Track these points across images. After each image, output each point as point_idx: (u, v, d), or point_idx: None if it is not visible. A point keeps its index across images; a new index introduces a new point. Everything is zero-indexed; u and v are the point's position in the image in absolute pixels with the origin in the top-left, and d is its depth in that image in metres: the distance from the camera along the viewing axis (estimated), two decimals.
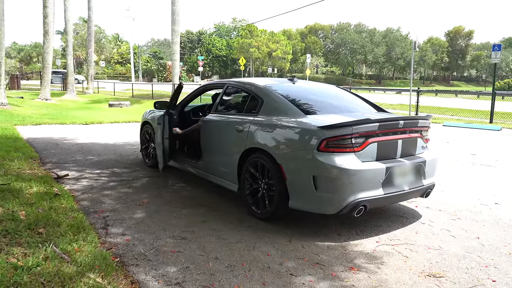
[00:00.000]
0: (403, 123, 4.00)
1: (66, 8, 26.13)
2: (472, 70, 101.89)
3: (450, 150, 8.83)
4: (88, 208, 4.57)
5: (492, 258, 3.50)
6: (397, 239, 3.91)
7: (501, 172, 6.81)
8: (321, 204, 3.76)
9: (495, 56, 14.75)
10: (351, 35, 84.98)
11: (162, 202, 4.87)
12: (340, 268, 3.27)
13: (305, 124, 3.92)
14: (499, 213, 4.69)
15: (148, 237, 3.81)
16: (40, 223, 3.81)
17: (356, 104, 4.93)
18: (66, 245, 3.37)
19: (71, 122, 12.70)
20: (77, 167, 6.63)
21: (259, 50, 68.05)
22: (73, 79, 26.51)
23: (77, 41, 61.56)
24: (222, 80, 5.87)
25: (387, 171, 3.77)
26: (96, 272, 2.95)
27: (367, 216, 4.43)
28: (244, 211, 4.54)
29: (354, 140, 3.67)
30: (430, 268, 3.31)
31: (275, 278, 3.09)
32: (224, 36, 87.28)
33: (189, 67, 76.79)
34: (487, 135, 11.40)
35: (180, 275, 3.09)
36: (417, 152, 4.22)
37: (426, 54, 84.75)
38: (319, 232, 4.04)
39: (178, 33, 25.90)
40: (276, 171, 4.01)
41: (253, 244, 3.70)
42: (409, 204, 4.93)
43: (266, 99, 4.52)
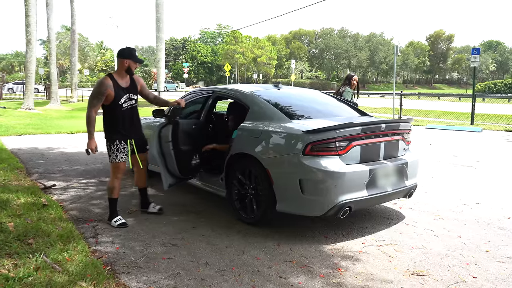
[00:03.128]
0: (385, 126, 4.13)
1: (48, 17, 25.96)
2: (454, 73, 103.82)
3: (433, 152, 9.03)
4: (77, 218, 4.58)
5: (473, 256, 3.63)
6: (382, 240, 4.02)
7: (482, 173, 7.00)
8: (308, 206, 3.85)
9: (474, 60, 15.13)
10: (334, 40, 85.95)
11: None
12: (328, 269, 3.36)
13: (290, 129, 4.02)
14: (479, 212, 4.85)
15: (138, 244, 3.85)
16: (30, 233, 3.81)
17: (339, 109, 5.05)
18: (56, 255, 3.39)
19: (56, 132, 12.60)
20: (64, 177, 6.61)
21: (244, 56, 68.31)
22: (57, 88, 26.23)
23: (60, 50, 60.98)
24: (208, 87, 5.92)
25: (371, 173, 3.89)
26: (88, 281, 2.99)
27: (352, 218, 4.54)
28: (232, 216, 4.60)
29: (338, 144, 3.78)
30: (414, 267, 3.43)
31: (265, 281, 3.16)
32: (209, 43, 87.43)
33: (174, 74, 76.67)
34: (468, 137, 11.68)
35: (172, 281, 3.14)
36: (399, 154, 4.36)
37: (408, 58, 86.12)
38: (306, 235, 4.12)
39: (163, 40, 25.93)
40: (263, 176, 4.09)
41: (242, 249, 3.77)
42: (393, 205, 5.06)
43: (252, 105, 4.61)
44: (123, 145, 4.40)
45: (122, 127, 4.38)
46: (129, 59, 4.31)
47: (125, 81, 4.37)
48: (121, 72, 4.35)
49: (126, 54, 4.32)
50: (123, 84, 4.35)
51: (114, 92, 4.23)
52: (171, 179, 5.05)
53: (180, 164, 4.92)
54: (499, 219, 4.58)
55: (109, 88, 4.21)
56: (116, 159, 4.36)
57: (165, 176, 5.00)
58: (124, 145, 4.41)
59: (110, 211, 4.46)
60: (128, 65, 4.31)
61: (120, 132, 4.38)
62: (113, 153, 4.36)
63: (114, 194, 4.45)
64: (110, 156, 4.39)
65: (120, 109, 4.32)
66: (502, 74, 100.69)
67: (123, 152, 4.40)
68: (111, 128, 4.36)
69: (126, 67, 4.31)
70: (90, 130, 4.22)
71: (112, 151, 4.35)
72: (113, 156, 4.36)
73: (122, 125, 4.38)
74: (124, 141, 4.41)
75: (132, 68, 4.35)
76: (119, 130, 4.38)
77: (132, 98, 4.43)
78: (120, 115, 4.35)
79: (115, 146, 4.35)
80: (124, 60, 4.30)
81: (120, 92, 4.30)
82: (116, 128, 4.36)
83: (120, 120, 4.36)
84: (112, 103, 4.27)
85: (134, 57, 4.34)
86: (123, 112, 4.36)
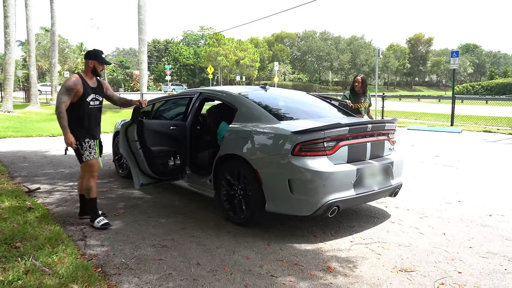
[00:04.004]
0: (371, 127, 4.21)
1: (28, 18, 25.46)
2: (433, 75, 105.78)
3: (415, 153, 9.21)
4: (64, 221, 4.53)
5: (458, 252, 3.74)
6: (370, 238, 4.10)
7: (463, 172, 7.18)
8: (297, 206, 3.90)
9: (453, 62, 15.49)
10: (317, 42, 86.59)
11: (139, 212, 4.89)
12: (318, 267, 3.42)
13: (279, 130, 4.07)
14: (462, 210, 4.98)
15: (128, 246, 3.84)
16: (17, 237, 3.77)
17: (326, 110, 5.13)
18: (46, 257, 3.36)
19: (38, 135, 12.38)
20: (49, 180, 6.52)
21: (227, 58, 68.20)
22: (36, 91, 25.74)
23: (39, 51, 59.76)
24: (195, 88, 5.92)
25: (358, 173, 3.97)
26: (79, 283, 2.97)
27: (340, 217, 4.61)
28: (221, 217, 4.62)
29: (326, 144, 3.85)
30: (401, 263, 3.51)
31: (256, 280, 3.20)
32: (191, 45, 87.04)
33: (156, 76, 75.97)
34: (448, 137, 11.95)
35: (164, 282, 3.15)
36: (385, 154, 4.45)
37: (389, 60, 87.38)
38: (296, 234, 4.18)
39: (145, 42, 25.72)
40: (252, 176, 4.13)
41: (233, 249, 3.79)
42: (379, 204, 5.16)
43: (240, 107, 4.64)
44: (93, 143, 4.38)
45: (89, 125, 4.37)
46: (94, 60, 4.31)
47: (92, 81, 4.38)
48: (88, 73, 4.35)
49: (92, 55, 4.33)
50: (91, 84, 4.36)
51: (83, 88, 4.23)
52: (144, 179, 5.13)
53: (151, 164, 4.94)
54: (481, 217, 4.72)
55: (78, 84, 4.20)
56: (90, 156, 4.31)
57: (136, 174, 5.10)
58: (94, 142, 4.39)
59: (92, 212, 4.40)
60: (93, 66, 4.31)
61: (88, 130, 4.36)
62: (85, 151, 4.30)
63: (92, 194, 4.38)
64: (82, 155, 4.31)
65: (87, 106, 4.30)
66: (479, 76, 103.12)
67: (94, 150, 4.37)
68: (79, 126, 4.30)
69: (91, 68, 4.32)
70: (64, 124, 4.16)
71: (85, 149, 4.29)
72: (86, 154, 4.30)
73: (89, 123, 4.36)
74: (93, 139, 4.39)
75: (98, 69, 4.34)
76: (87, 128, 4.35)
77: (98, 98, 4.43)
78: (87, 113, 4.32)
79: (86, 143, 4.30)
80: (89, 61, 4.31)
81: (88, 90, 4.30)
82: (84, 125, 4.33)
83: (87, 118, 4.33)
84: (80, 99, 4.24)
85: (99, 59, 4.34)
86: (89, 110, 4.34)
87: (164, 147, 4.99)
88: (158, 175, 5.09)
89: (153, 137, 4.88)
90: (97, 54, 4.34)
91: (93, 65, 4.31)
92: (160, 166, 4.99)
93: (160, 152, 4.94)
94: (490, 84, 51.50)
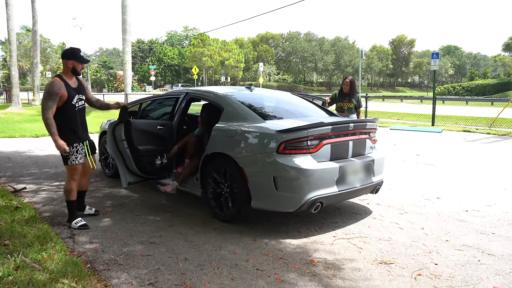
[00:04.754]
0: (353, 126, 4.37)
1: (9, 17, 25.05)
2: (415, 76, 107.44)
3: (397, 152, 9.45)
4: (52, 219, 4.57)
5: (435, 245, 3.91)
6: (352, 233, 4.25)
7: (442, 170, 7.42)
8: (282, 202, 4.03)
9: (434, 64, 15.86)
10: (301, 43, 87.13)
11: (127, 210, 4.95)
12: (302, 261, 3.55)
13: (264, 129, 4.19)
14: (440, 206, 5.18)
15: (116, 243, 3.91)
16: (5, 235, 3.80)
17: (309, 109, 5.27)
18: (35, 254, 3.41)
19: (21, 135, 12.26)
20: (34, 180, 6.52)
21: (212, 59, 68.18)
22: (18, 91, 25.36)
23: (20, 51, 58.74)
24: (181, 89, 6.01)
25: (340, 170, 4.12)
26: (69, 278, 3.04)
27: (323, 214, 4.76)
28: (208, 214, 4.72)
29: (309, 142, 3.98)
30: (381, 256, 3.67)
31: (243, 273, 3.31)
32: (176, 45, 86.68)
33: (140, 76, 75.48)
34: (429, 137, 12.25)
35: (152, 276, 3.24)
36: (366, 152, 4.61)
37: (372, 61, 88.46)
38: (281, 230, 4.30)
39: (129, 42, 25.62)
40: (238, 174, 4.24)
41: (219, 245, 3.90)
42: (361, 201, 5.32)
43: (226, 107, 4.75)
44: (81, 146, 4.34)
45: (76, 128, 4.31)
46: (73, 60, 4.21)
47: (73, 82, 4.30)
48: (68, 73, 4.26)
49: (69, 55, 4.22)
50: (73, 85, 4.28)
51: (66, 92, 4.16)
52: (131, 177, 5.23)
53: (138, 163, 5.01)
54: (458, 212, 4.92)
55: (62, 88, 4.13)
56: (76, 161, 4.27)
57: (123, 173, 5.19)
58: (82, 146, 4.36)
59: (70, 213, 4.38)
60: (73, 66, 4.22)
61: (76, 133, 4.32)
62: (72, 155, 4.24)
63: (72, 196, 4.35)
64: (69, 158, 4.24)
65: (73, 109, 4.25)
66: (460, 77, 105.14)
67: (81, 154, 4.33)
68: (67, 130, 4.23)
69: (70, 68, 4.22)
70: (53, 131, 4.08)
71: (72, 153, 4.23)
72: (72, 158, 4.25)
73: (76, 126, 4.31)
74: (81, 142, 4.36)
75: (78, 68, 4.25)
76: (75, 131, 4.30)
77: (82, 98, 4.38)
78: (74, 116, 4.27)
79: (74, 148, 4.25)
80: (68, 61, 4.21)
81: (72, 92, 4.23)
82: (72, 129, 4.27)
83: (74, 121, 4.28)
84: (66, 103, 4.17)
85: (78, 57, 4.23)
86: (75, 112, 4.28)
87: (151, 146, 5.07)
88: (145, 174, 5.18)
89: (140, 136, 4.96)
90: (75, 53, 4.24)
91: (72, 65, 4.21)
92: (147, 165, 5.07)
93: (147, 151, 5.02)
94: (470, 85, 52.55)
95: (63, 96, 4.14)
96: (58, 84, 4.13)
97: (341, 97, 6.96)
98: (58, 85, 4.12)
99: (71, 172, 4.34)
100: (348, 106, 6.88)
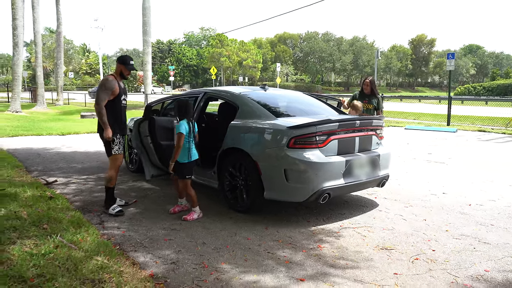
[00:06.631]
0: (360, 123, 4.68)
1: (35, 20, 26.05)
2: (435, 76, 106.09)
3: (409, 150, 9.66)
4: (82, 208, 5.02)
5: (434, 234, 4.19)
6: (358, 223, 4.56)
7: (452, 168, 7.63)
8: (292, 193, 4.37)
9: (449, 64, 15.92)
10: (319, 43, 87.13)
11: (150, 201, 5.37)
12: (310, 246, 3.89)
13: (276, 125, 4.54)
14: (445, 200, 5.43)
15: (141, 229, 4.32)
16: (43, 220, 4.24)
17: (320, 108, 5.59)
18: (71, 236, 3.83)
19: (48, 133, 12.88)
20: (63, 174, 7.01)
21: (230, 59, 68.82)
22: (43, 91, 26.31)
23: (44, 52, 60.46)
24: (199, 89, 6.40)
25: (347, 164, 4.43)
26: (102, 256, 3.44)
27: (332, 206, 5.08)
28: (224, 205, 5.09)
29: (318, 138, 4.32)
30: (383, 243, 3.97)
31: (255, 255, 3.67)
32: (194, 46, 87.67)
33: (159, 76, 76.66)
34: (443, 136, 12.37)
35: (174, 257, 3.62)
36: (372, 147, 4.91)
37: (391, 61, 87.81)
38: (291, 220, 4.64)
39: (150, 43, 26.26)
40: (252, 167, 4.59)
41: (234, 231, 4.27)
42: (369, 195, 5.62)
43: (241, 105, 5.11)
44: (122, 139, 4.92)
45: (120, 121, 4.91)
46: (122, 65, 4.83)
47: (121, 83, 4.91)
48: (118, 75, 4.87)
49: (120, 60, 4.86)
50: (121, 85, 4.90)
51: (118, 88, 4.76)
52: (154, 170, 5.74)
53: (161, 157, 5.46)
54: (461, 206, 5.17)
55: (115, 84, 4.73)
56: (118, 150, 4.85)
57: (147, 167, 5.70)
58: (122, 139, 4.93)
59: (107, 199, 4.90)
60: (121, 70, 4.83)
61: (120, 125, 4.89)
62: (115, 145, 4.83)
63: (111, 183, 4.89)
64: (112, 149, 4.82)
65: (120, 105, 4.86)
66: (482, 77, 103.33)
67: (122, 145, 4.91)
68: (113, 122, 4.79)
69: (119, 71, 4.84)
70: (104, 121, 4.68)
71: (115, 144, 4.82)
72: (115, 149, 4.83)
73: (120, 120, 4.90)
74: (122, 135, 4.92)
75: (124, 73, 4.86)
76: (119, 124, 4.88)
77: (125, 98, 4.98)
78: (119, 111, 4.87)
79: (117, 139, 4.83)
80: (119, 65, 4.85)
81: (121, 90, 4.85)
82: (118, 122, 4.85)
83: (119, 115, 4.87)
84: (116, 98, 4.77)
85: (126, 64, 4.83)
86: (121, 107, 4.89)
87: (173, 141, 5.47)
88: (167, 167, 5.57)
89: (162, 132, 5.37)
90: (124, 60, 4.84)
91: (120, 69, 4.82)
92: (169, 159, 5.46)
93: (169, 146, 5.42)
94: (491, 85, 51.61)
95: (115, 91, 4.74)
96: (112, 81, 4.74)
97: (361, 97, 6.84)
98: (112, 82, 4.73)
99: (114, 162, 4.88)
100: (367, 107, 6.75)
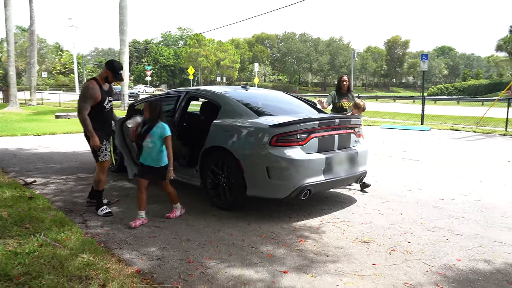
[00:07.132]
0: (339, 121, 4.84)
1: (7, 17, 25.33)
2: (409, 76, 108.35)
3: (385, 149, 9.93)
4: (64, 208, 5.00)
5: (410, 227, 4.38)
6: (337, 218, 4.71)
7: (426, 165, 7.91)
8: (274, 190, 4.49)
9: (423, 65, 16.40)
10: (296, 44, 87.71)
11: (132, 200, 5.37)
12: (292, 240, 4.01)
13: (258, 124, 4.65)
14: (419, 195, 5.66)
15: (125, 227, 4.35)
16: (25, 220, 4.22)
17: (300, 107, 5.73)
18: (54, 235, 3.84)
19: (22, 134, 12.62)
20: (42, 174, 6.92)
21: (208, 59, 68.57)
22: (15, 91, 25.64)
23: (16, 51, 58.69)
24: (181, 88, 6.45)
25: (327, 161, 4.58)
26: (87, 254, 3.47)
27: (312, 202, 5.22)
28: (206, 203, 5.16)
29: (299, 136, 4.44)
30: (362, 236, 4.13)
31: (239, 250, 3.76)
32: (171, 46, 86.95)
33: (136, 76, 75.72)
34: (418, 135, 12.75)
35: (159, 253, 3.68)
36: (351, 145, 5.08)
37: (367, 62, 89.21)
38: (273, 216, 4.76)
39: (127, 43, 25.96)
40: (235, 165, 4.68)
41: (218, 228, 4.35)
42: (348, 191, 5.79)
43: (223, 104, 5.19)
44: (108, 144, 4.90)
45: (105, 126, 4.88)
46: (110, 72, 4.77)
47: (105, 85, 4.84)
48: (102, 79, 4.80)
49: (109, 66, 4.79)
50: (105, 88, 4.82)
51: (100, 95, 4.70)
52: (137, 169, 5.66)
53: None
54: (435, 200, 5.40)
55: (97, 91, 4.66)
56: (105, 157, 4.84)
57: (130, 165, 5.71)
58: (108, 143, 4.91)
59: (98, 202, 4.89)
60: (107, 75, 4.78)
61: (104, 131, 4.86)
62: (101, 153, 4.80)
63: (100, 186, 4.88)
64: (99, 156, 4.80)
65: (104, 110, 4.81)
66: (454, 78, 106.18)
67: (108, 151, 4.90)
68: (98, 129, 4.73)
69: (105, 75, 4.78)
70: (90, 129, 4.63)
71: (101, 151, 4.79)
72: (102, 156, 4.81)
73: (105, 124, 4.88)
74: (108, 139, 4.91)
75: (110, 79, 4.79)
76: (104, 129, 4.85)
77: (111, 100, 4.95)
78: (103, 116, 4.82)
79: (104, 145, 4.80)
80: (106, 70, 4.78)
81: (104, 95, 4.78)
82: (102, 128, 4.80)
83: (103, 121, 4.83)
84: (98, 104, 4.71)
85: (114, 73, 4.76)
86: (106, 112, 4.85)
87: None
88: None
89: None
90: (114, 68, 4.78)
91: (106, 74, 4.77)
92: None
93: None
94: (463, 86, 53.22)
95: (97, 98, 4.67)
96: (93, 88, 4.65)
97: (341, 96, 6.62)
98: (93, 89, 4.65)
99: (101, 167, 4.86)
100: (349, 106, 6.52)
